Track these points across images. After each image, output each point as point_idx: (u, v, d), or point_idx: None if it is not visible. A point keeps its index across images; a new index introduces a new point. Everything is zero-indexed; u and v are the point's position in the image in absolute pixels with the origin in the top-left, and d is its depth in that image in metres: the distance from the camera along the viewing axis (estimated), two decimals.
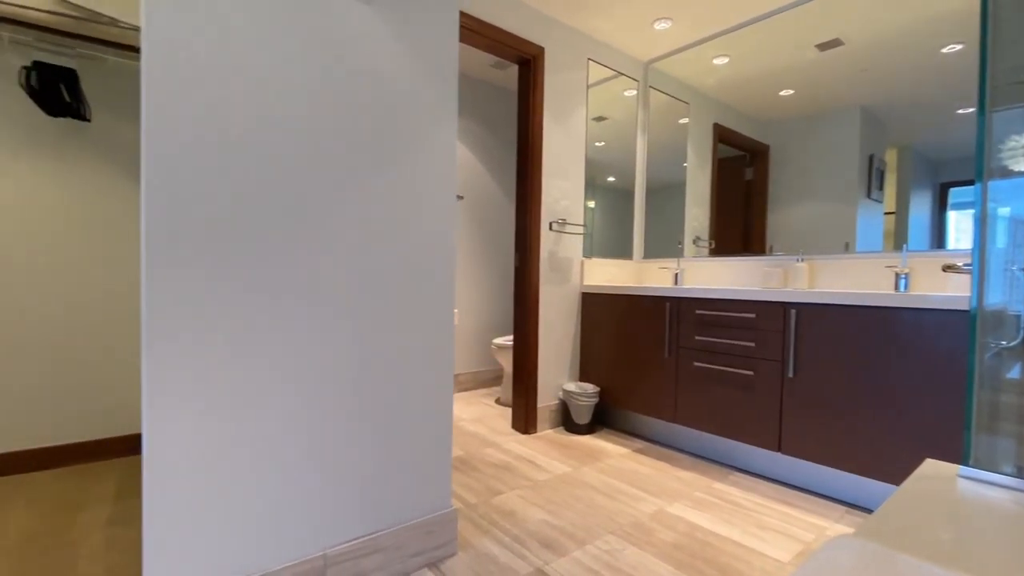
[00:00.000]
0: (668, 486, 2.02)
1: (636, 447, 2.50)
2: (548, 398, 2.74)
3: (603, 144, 2.97)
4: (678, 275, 2.81)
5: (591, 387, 2.73)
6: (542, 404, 2.71)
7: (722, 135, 2.78)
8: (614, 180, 3.05)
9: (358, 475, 1.29)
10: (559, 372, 2.79)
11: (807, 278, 2.32)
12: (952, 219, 1.99)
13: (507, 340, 3.14)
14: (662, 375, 2.42)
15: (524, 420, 2.67)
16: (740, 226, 2.69)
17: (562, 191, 2.76)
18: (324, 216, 1.21)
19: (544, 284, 2.69)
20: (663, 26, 2.71)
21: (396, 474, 1.37)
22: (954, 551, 0.53)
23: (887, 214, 2.16)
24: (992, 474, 0.76)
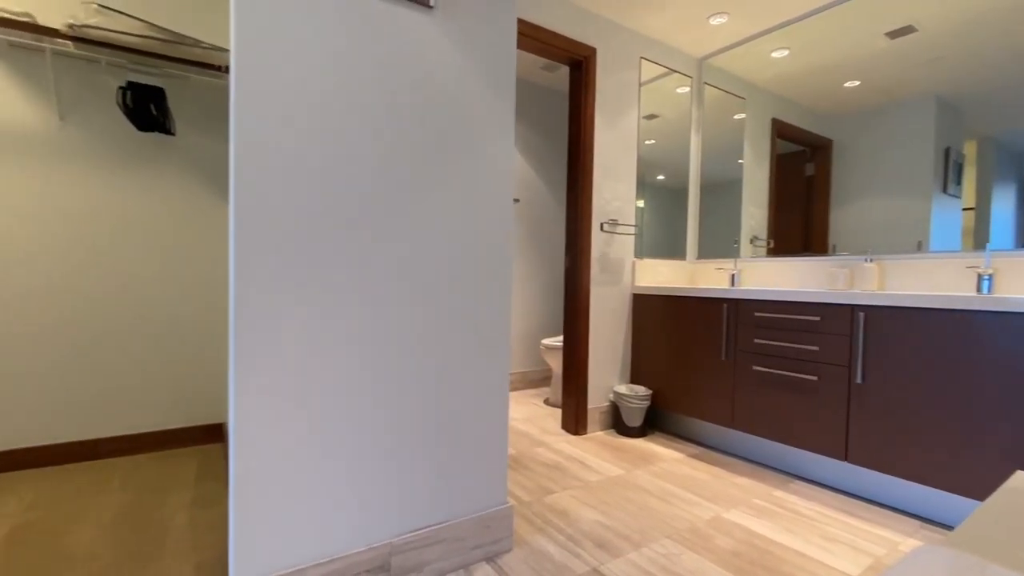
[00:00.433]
0: (725, 492, 1.97)
1: (690, 452, 2.45)
2: (598, 400, 2.74)
3: (653, 142, 2.93)
4: (735, 276, 2.73)
5: (643, 389, 2.70)
6: (592, 405, 2.71)
7: (781, 130, 2.68)
8: (664, 178, 3.00)
9: (426, 468, 1.35)
10: (609, 374, 2.78)
11: (876, 279, 2.20)
12: None
13: (556, 341, 3.15)
14: (718, 379, 2.37)
15: (574, 421, 2.68)
16: (800, 225, 2.59)
17: (613, 192, 2.74)
18: (402, 228, 1.28)
19: (595, 285, 2.68)
20: (719, 21, 2.65)
21: (458, 469, 1.42)
22: None
23: (965, 210, 2.02)
24: None
